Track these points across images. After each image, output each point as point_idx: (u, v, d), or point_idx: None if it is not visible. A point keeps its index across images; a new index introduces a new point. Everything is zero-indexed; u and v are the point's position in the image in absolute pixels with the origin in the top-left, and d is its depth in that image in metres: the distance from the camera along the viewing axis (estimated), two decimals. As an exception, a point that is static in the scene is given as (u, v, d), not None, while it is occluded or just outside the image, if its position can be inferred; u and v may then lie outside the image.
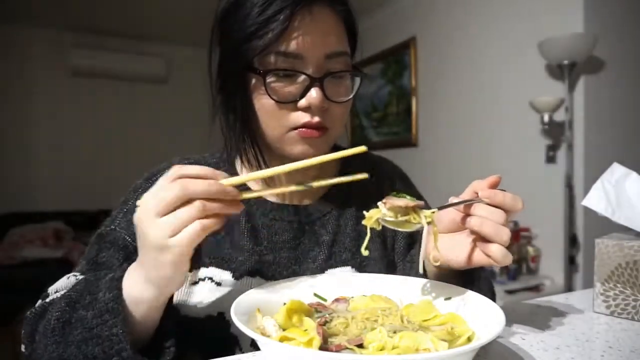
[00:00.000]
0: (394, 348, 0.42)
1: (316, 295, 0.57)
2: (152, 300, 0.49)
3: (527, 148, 2.53)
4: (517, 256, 2.42)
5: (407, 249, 0.77)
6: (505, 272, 2.35)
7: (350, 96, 0.68)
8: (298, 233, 0.71)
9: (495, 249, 0.51)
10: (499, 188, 0.54)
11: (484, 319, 0.46)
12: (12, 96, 3.98)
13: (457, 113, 3.05)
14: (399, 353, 0.41)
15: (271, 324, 0.46)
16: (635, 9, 2.43)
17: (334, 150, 0.83)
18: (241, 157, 0.72)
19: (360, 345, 0.43)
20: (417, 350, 0.41)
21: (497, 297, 0.70)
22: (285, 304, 0.50)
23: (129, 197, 0.73)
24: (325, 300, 0.56)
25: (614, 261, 0.64)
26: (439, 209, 0.54)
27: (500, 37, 2.71)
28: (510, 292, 2.27)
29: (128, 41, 4.34)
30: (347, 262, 0.71)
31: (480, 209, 0.52)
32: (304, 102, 0.63)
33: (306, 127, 0.64)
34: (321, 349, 0.41)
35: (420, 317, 0.50)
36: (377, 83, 3.78)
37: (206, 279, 0.66)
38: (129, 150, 4.31)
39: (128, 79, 4.41)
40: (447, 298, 0.54)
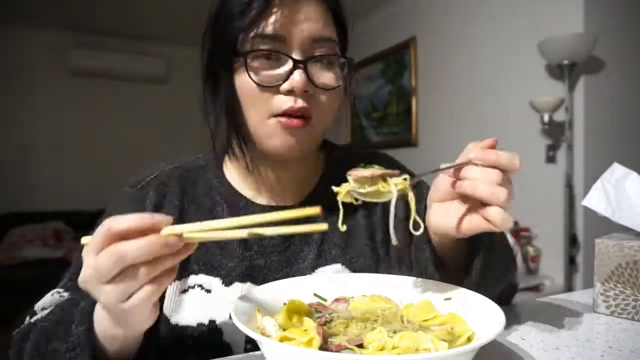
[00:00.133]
0: (394, 348, 0.42)
1: (316, 295, 0.57)
2: (124, 337, 0.47)
3: (527, 148, 2.53)
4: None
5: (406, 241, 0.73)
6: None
7: (338, 84, 0.64)
8: (287, 236, 0.69)
9: (493, 212, 0.47)
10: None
11: (484, 319, 0.46)
12: (12, 96, 3.98)
13: (457, 113, 3.05)
14: (399, 353, 0.40)
15: (271, 324, 0.46)
16: (635, 9, 2.43)
17: (322, 147, 0.79)
18: (227, 152, 0.70)
19: (360, 345, 0.43)
20: (417, 350, 0.41)
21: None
22: (285, 304, 0.50)
23: (114, 206, 0.69)
24: (325, 300, 0.56)
25: (614, 261, 0.64)
26: (423, 175, 0.53)
27: (500, 37, 2.71)
28: (511, 292, 2.27)
29: (128, 41, 4.34)
30: (337, 259, 0.70)
31: (472, 170, 0.49)
32: (286, 86, 0.60)
33: (288, 114, 0.61)
34: (321, 349, 0.41)
35: (420, 317, 0.50)
36: (377, 83, 3.77)
37: (196, 287, 0.65)
38: (129, 150, 4.30)
39: (128, 79, 4.41)
40: (447, 298, 0.54)
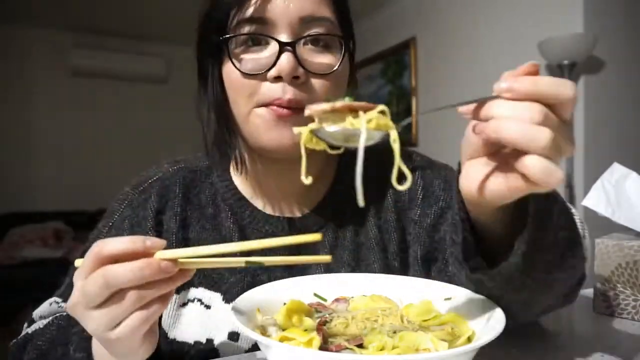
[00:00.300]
0: (394, 348, 0.42)
1: (316, 295, 0.57)
2: None
3: (527, 148, 2.53)
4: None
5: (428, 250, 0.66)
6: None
7: (336, 67, 0.56)
8: (294, 250, 0.62)
9: (530, 162, 0.32)
10: None
11: (484, 319, 0.46)
12: (12, 96, 3.98)
13: (457, 113, 3.03)
14: (399, 353, 0.40)
15: (271, 324, 0.46)
16: (635, 9, 2.43)
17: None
18: (219, 149, 0.64)
19: (360, 345, 0.43)
20: (417, 350, 0.41)
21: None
22: (285, 304, 0.50)
23: (115, 209, 0.66)
24: (325, 300, 0.56)
25: (614, 261, 0.64)
26: (420, 114, 0.38)
27: (500, 37, 2.71)
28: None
29: (128, 41, 4.34)
30: None
31: (498, 106, 0.35)
32: (273, 72, 0.53)
33: (277, 105, 0.54)
34: (321, 349, 0.41)
35: (420, 317, 0.50)
36: (377, 83, 3.77)
37: (195, 301, 0.62)
38: (128, 150, 4.30)
39: (128, 79, 4.40)
40: (447, 298, 0.54)
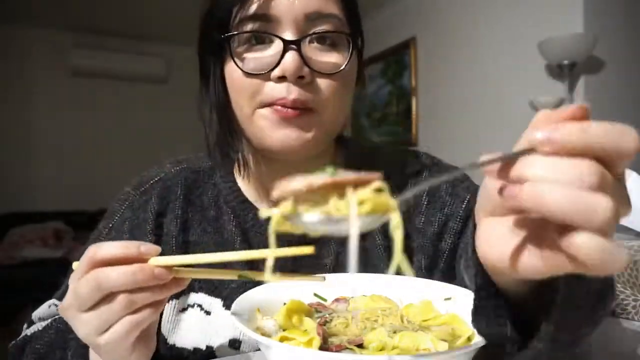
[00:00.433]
0: (394, 348, 0.42)
1: (316, 295, 0.57)
2: None
3: (527, 148, 2.53)
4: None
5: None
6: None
7: (343, 67, 0.54)
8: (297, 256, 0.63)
9: (583, 242, 0.24)
10: None
11: (484, 319, 0.46)
12: (12, 96, 3.97)
13: (457, 113, 3.05)
14: (399, 353, 0.40)
15: (271, 324, 0.46)
16: (635, 9, 2.42)
17: (339, 146, 0.66)
18: (222, 150, 0.62)
19: (360, 345, 0.43)
20: (417, 350, 0.41)
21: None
22: (285, 304, 0.50)
23: (116, 209, 0.65)
24: (325, 300, 0.56)
25: (614, 261, 0.64)
26: (431, 182, 0.31)
27: (500, 37, 2.71)
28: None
29: (128, 41, 4.33)
30: None
31: (534, 165, 0.26)
32: (277, 72, 0.52)
33: (281, 105, 0.52)
34: (321, 349, 0.41)
35: (420, 317, 0.50)
36: (377, 83, 3.77)
37: (195, 306, 0.61)
38: (128, 150, 4.30)
39: (128, 79, 4.40)
40: (447, 298, 0.54)
